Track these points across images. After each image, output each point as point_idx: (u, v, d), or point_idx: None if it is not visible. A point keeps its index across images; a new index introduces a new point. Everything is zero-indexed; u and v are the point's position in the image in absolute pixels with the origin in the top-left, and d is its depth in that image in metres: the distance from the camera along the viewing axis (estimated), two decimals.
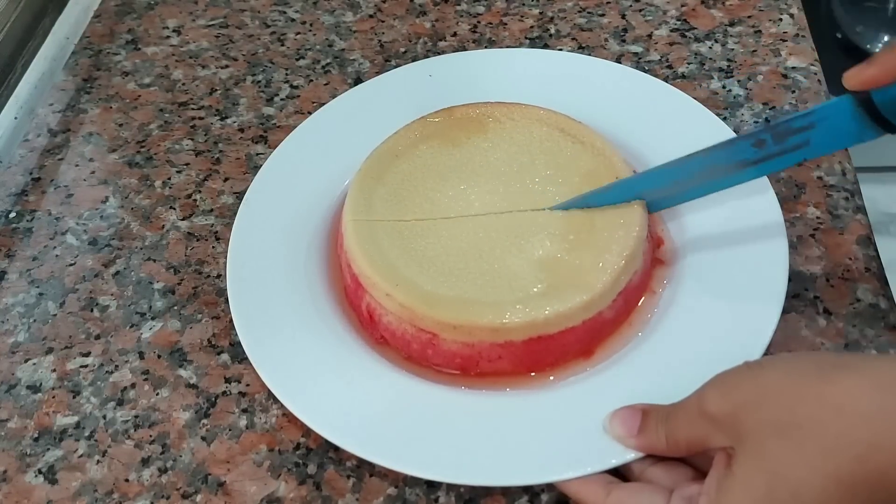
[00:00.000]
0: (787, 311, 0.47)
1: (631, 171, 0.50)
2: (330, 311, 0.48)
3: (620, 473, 0.40)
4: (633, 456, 0.39)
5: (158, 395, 0.47)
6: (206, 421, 0.46)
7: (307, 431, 0.45)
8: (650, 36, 0.64)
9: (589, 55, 0.62)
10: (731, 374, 0.37)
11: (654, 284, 0.48)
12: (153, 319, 0.51)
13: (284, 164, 0.55)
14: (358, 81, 0.63)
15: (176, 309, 0.51)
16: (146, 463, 0.45)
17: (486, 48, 0.65)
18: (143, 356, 0.49)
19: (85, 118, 0.64)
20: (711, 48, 0.63)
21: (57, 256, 0.55)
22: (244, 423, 0.46)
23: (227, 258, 0.50)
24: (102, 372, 0.49)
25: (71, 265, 0.54)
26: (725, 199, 0.48)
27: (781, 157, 0.44)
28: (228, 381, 0.48)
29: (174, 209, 0.57)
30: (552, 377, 0.45)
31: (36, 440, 0.46)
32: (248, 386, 0.47)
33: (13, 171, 0.60)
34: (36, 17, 0.70)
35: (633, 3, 0.67)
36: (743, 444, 0.34)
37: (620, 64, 0.61)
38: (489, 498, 0.42)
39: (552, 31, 0.66)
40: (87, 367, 0.49)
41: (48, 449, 0.46)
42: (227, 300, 0.51)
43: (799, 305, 0.47)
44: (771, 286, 0.45)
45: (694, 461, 0.39)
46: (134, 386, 0.48)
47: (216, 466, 0.44)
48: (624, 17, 0.66)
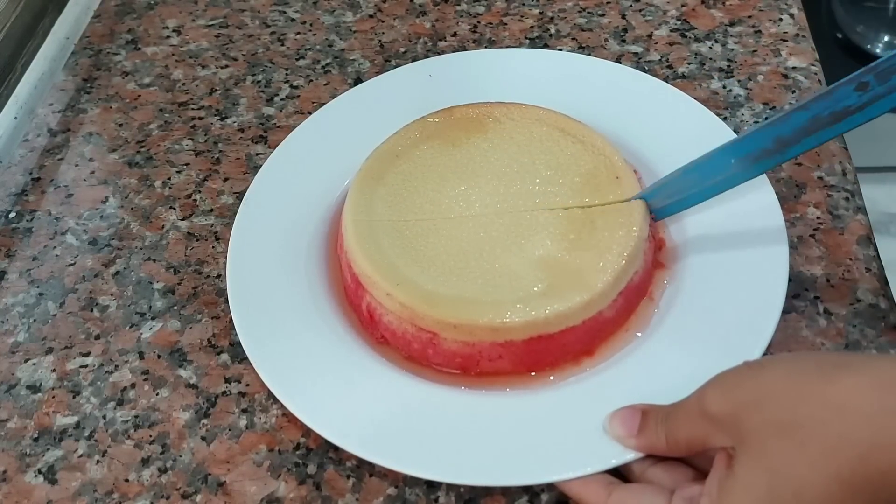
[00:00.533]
0: (787, 311, 0.47)
1: (631, 170, 0.50)
2: (330, 310, 0.48)
3: (621, 474, 0.40)
4: (632, 456, 0.39)
5: (158, 395, 0.47)
6: (206, 421, 0.46)
7: (307, 431, 0.45)
8: (650, 36, 0.64)
9: (589, 55, 0.62)
10: (731, 373, 0.37)
11: (654, 286, 0.48)
12: (153, 319, 0.51)
13: (284, 164, 0.55)
14: (358, 81, 0.63)
15: (176, 309, 0.51)
16: (146, 463, 0.45)
17: (485, 48, 0.65)
18: (143, 356, 0.49)
19: (85, 118, 0.64)
20: (711, 48, 0.63)
21: (57, 256, 0.55)
22: (244, 423, 0.46)
23: (227, 258, 0.50)
24: (102, 372, 0.49)
25: (71, 265, 0.54)
26: (726, 200, 0.48)
27: (888, 97, 0.42)
28: (228, 381, 0.48)
29: (174, 209, 0.57)
30: (552, 377, 0.45)
31: (36, 440, 0.46)
32: (248, 386, 0.47)
33: (13, 171, 0.60)
34: (36, 17, 0.70)
35: (633, 3, 0.67)
36: (744, 443, 0.34)
37: (620, 64, 0.61)
38: (489, 498, 0.42)
39: (552, 31, 0.66)
40: (86, 367, 0.49)
41: (48, 449, 0.46)
42: (227, 300, 0.51)
43: (799, 305, 0.47)
44: (771, 287, 0.45)
45: (694, 461, 0.39)
46: (134, 386, 0.48)
47: (216, 466, 0.44)
48: (624, 17, 0.66)
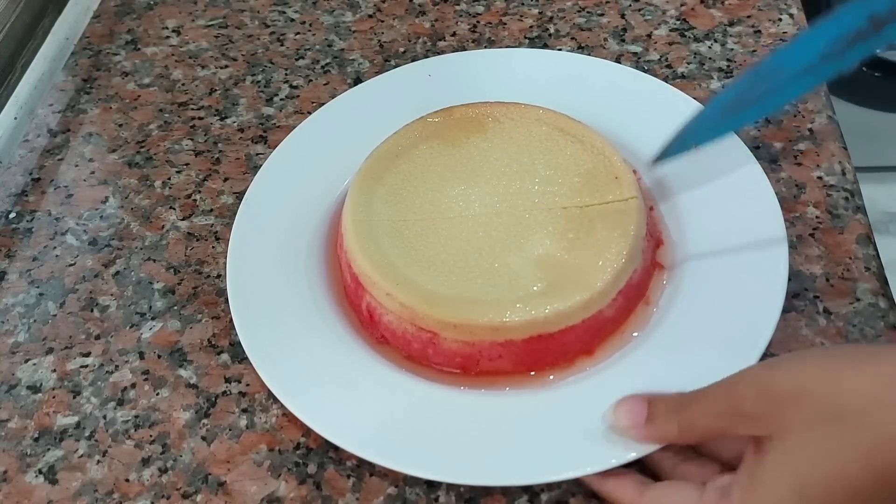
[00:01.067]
0: (786, 310, 0.47)
1: (630, 170, 0.50)
2: (330, 310, 0.48)
3: (651, 473, 0.40)
4: (633, 455, 0.39)
5: (158, 395, 0.47)
6: (206, 421, 0.46)
7: (307, 431, 0.45)
8: (650, 36, 0.64)
9: (588, 55, 0.62)
10: (763, 371, 0.37)
11: (653, 286, 0.48)
12: (153, 319, 0.51)
13: (284, 164, 0.55)
14: (357, 81, 0.63)
15: (176, 309, 0.51)
16: (146, 463, 0.45)
17: (485, 48, 0.65)
18: (143, 356, 0.49)
19: (85, 118, 0.64)
20: (711, 48, 0.63)
21: (57, 256, 0.55)
22: (244, 423, 0.46)
23: (226, 258, 0.50)
24: (102, 372, 0.49)
25: (71, 265, 0.54)
26: (725, 198, 0.48)
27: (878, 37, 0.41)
28: (228, 381, 0.48)
29: (174, 209, 0.57)
30: (552, 376, 0.45)
31: (36, 440, 0.46)
32: (248, 386, 0.47)
33: (13, 171, 0.60)
34: (36, 17, 0.70)
35: (632, 2, 0.67)
36: (780, 435, 0.35)
37: (620, 64, 0.61)
38: (489, 498, 0.42)
39: (551, 30, 0.66)
40: (87, 367, 0.49)
41: (48, 449, 0.46)
42: (227, 300, 0.51)
43: (799, 305, 0.47)
44: (771, 287, 0.45)
45: (716, 449, 0.39)
46: (134, 386, 0.48)
47: (216, 466, 0.44)
48: (623, 16, 0.66)
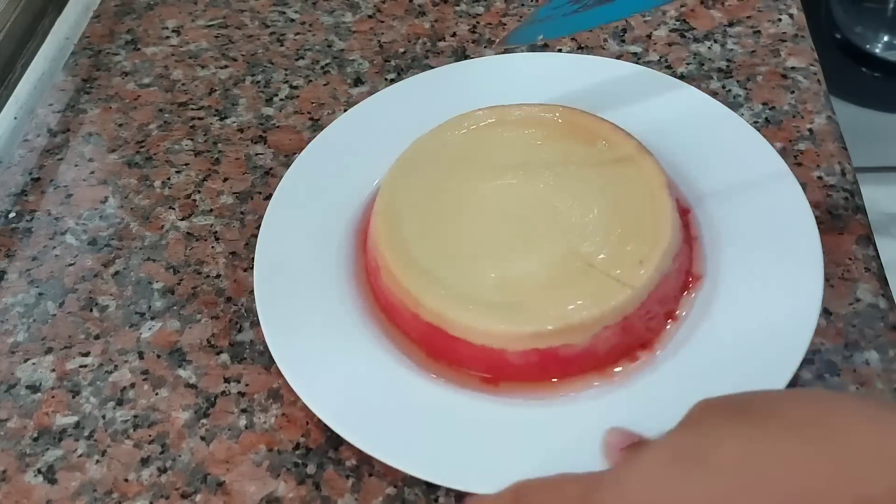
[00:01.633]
0: None
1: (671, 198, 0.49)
2: (357, 310, 0.48)
3: None
4: None
5: (158, 395, 0.47)
6: (205, 421, 0.46)
7: (307, 431, 0.45)
8: (649, 36, 0.64)
9: (588, 56, 0.62)
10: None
11: (683, 299, 0.47)
12: (153, 319, 0.51)
13: (312, 166, 0.55)
14: (357, 82, 0.63)
15: (175, 309, 0.51)
16: (146, 463, 0.45)
17: (485, 48, 0.65)
18: (142, 356, 0.49)
19: (84, 118, 0.64)
20: (711, 48, 0.63)
21: (56, 256, 0.55)
22: (243, 423, 0.46)
23: (229, 253, 0.50)
24: (102, 372, 0.49)
25: (70, 265, 0.54)
26: (763, 221, 0.49)
27: None
28: (228, 381, 0.48)
29: (174, 209, 0.57)
30: (573, 390, 0.44)
31: (35, 440, 0.46)
32: (247, 386, 0.47)
33: (13, 171, 0.60)
34: (35, 17, 0.70)
35: None
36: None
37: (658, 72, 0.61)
38: None
39: None
40: (86, 367, 0.49)
41: (48, 449, 0.46)
42: (226, 300, 0.51)
43: None
44: (803, 311, 0.44)
45: None
46: (133, 386, 0.48)
47: (215, 466, 0.44)
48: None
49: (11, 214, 0.57)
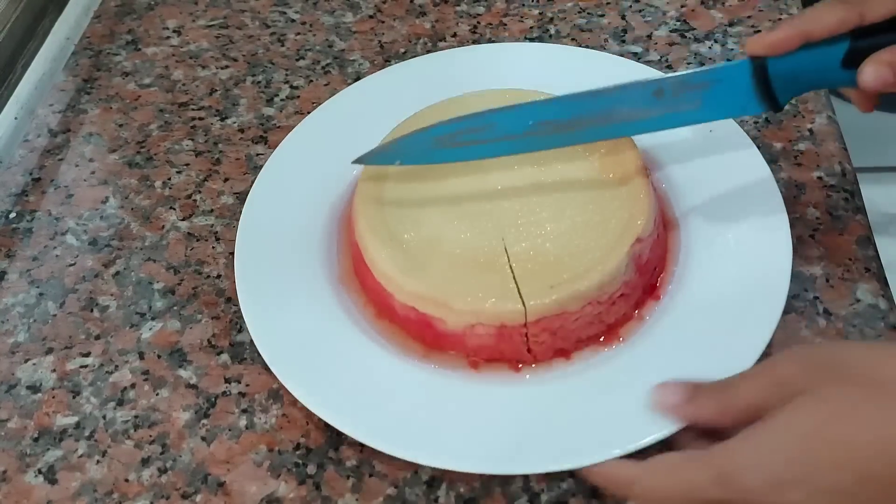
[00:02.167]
0: (786, 311, 0.46)
1: (636, 149, 0.50)
2: (337, 298, 0.49)
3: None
4: (647, 441, 0.40)
5: (158, 395, 0.47)
6: (205, 421, 0.46)
7: (307, 432, 0.45)
8: (650, 36, 0.64)
9: None
10: (804, 346, 0.38)
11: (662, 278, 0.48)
12: (153, 320, 0.51)
13: (287, 161, 0.55)
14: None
15: (176, 309, 0.51)
16: (146, 463, 0.45)
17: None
18: (143, 356, 0.49)
19: (85, 118, 0.64)
20: (711, 48, 0.63)
21: (57, 256, 0.55)
22: (244, 423, 0.46)
23: (229, 253, 0.50)
24: (102, 372, 0.49)
25: (71, 265, 0.54)
26: (734, 201, 0.49)
27: (672, 114, 0.45)
28: (228, 381, 0.48)
29: (174, 209, 0.57)
30: (571, 361, 0.45)
31: (36, 440, 0.46)
32: (247, 386, 0.47)
33: (13, 171, 0.60)
34: (36, 17, 0.70)
35: (632, 3, 0.67)
36: (808, 389, 0.34)
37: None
38: (489, 498, 0.42)
39: (552, 31, 0.66)
40: (87, 367, 0.49)
41: (48, 449, 0.46)
42: (227, 300, 0.51)
43: (798, 305, 0.47)
44: (772, 287, 0.45)
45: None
46: (134, 386, 0.48)
47: (216, 466, 0.44)
48: (623, 17, 0.66)
49: (12, 214, 0.57)
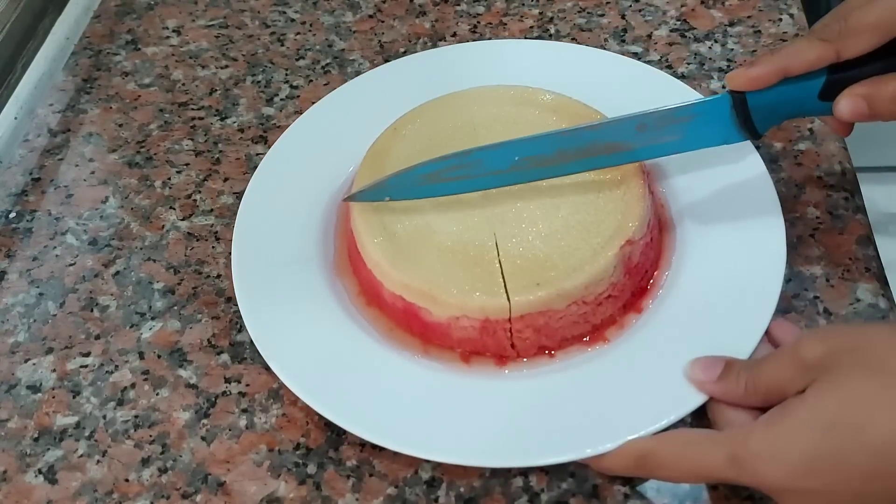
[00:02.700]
0: (786, 311, 0.47)
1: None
2: (333, 292, 0.49)
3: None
4: (609, 446, 0.40)
5: (158, 395, 0.47)
6: (205, 421, 0.46)
7: (307, 431, 0.45)
8: (650, 36, 0.64)
9: None
10: (830, 327, 0.39)
11: (655, 279, 0.48)
12: (153, 319, 0.51)
13: (285, 156, 0.55)
14: None
15: (176, 309, 0.51)
16: (146, 463, 0.45)
17: None
18: (143, 356, 0.49)
19: (85, 118, 0.64)
20: (711, 48, 0.63)
21: (57, 256, 0.55)
22: (244, 423, 0.46)
23: (229, 254, 0.50)
24: (102, 372, 0.49)
25: (71, 265, 0.54)
26: (728, 197, 0.49)
27: (654, 146, 0.46)
28: (228, 381, 0.48)
29: (174, 209, 0.57)
30: (560, 356, 0.45)
31: (36, 440, 0.46)
32: (247, 386, 0.47)
33: (13, 171, 0.60)
34: (36, 17, 0.70)
35: (632, 3, 0.67)
36: (827, 375, 0.35)
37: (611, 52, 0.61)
38: (489, 497, 0.42)
39: (552, 31, 0.66)
40: (87, 367, 0.49)
41: (48, 449, 0.46)
42: (227, 300, 0.51)
43: (799, 305, 0.47)
44: (763, 293, 0.45)
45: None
46: (134, 386, 0.48)
47: (216, 466, 0.44)
48: (624, 17, 0.66)
49: (12, 214, 0.57)
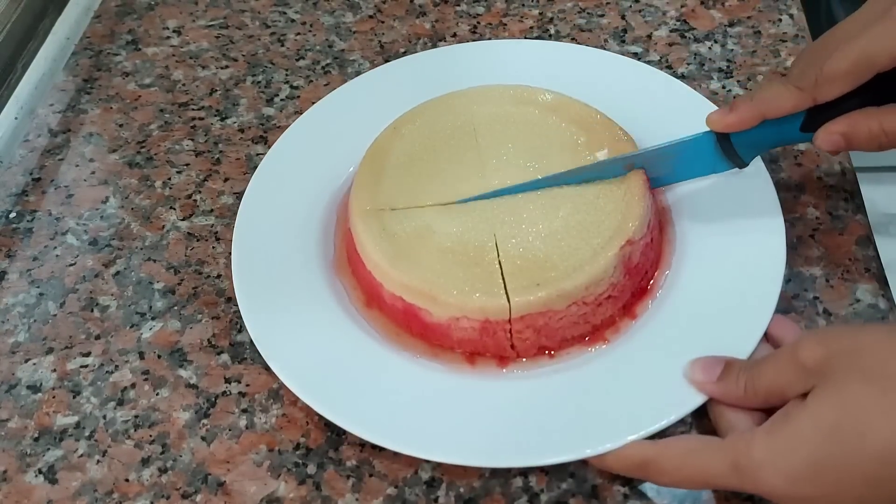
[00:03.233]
0: (786, 311, 0.47)
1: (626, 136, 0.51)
2: (332, 290, 0.49)
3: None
4: (608, 447, 0.40)
5: (158, 395, 0.47)
6: (205, 421, 0.46)
7: (307, 431, 0.45)
8: (650, 36, 0.64)
9: None
10: (829, 329, 0.39)
11: (655, 281, 0.48)
12: (153, 319, 0.51)
13: (285, 155, 0.55)
14: None
15: (176, 309, 0.51)
16: (146, 463, 0.45)
17: None
18: (143, 356, 0.49)
19: (85, 118, 0.64)
20: (711, 49, 0.63)
21: (57, 256, 0.55)
22: (244, 423, 0.46)
23: (229, 254, 0.50)
24: (102, 372, 0.49)
25: (71, 265, 0.54)
26: (727, 198, 0.49)
27: (651, 179, 0.48)
28: (228, 381, 0.48)
29: (174, 209, 0.57)
30: (554, 359, 0.45)
31: (36, 440, 0.46)
32: (247, 386, 0.47)
33: (13, 171, 0.60)
34: (36, 17, 0.70)
35: (632, 3, 0.67)
36: (826, 381, 0.36)
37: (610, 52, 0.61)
38: (489, 498, 0.42)
39: (552, 31, 0.66)
40: (87, 367, 0.49)
41: (48, 449, 0.46)
42: (227, 300, 0.51)
43: (799, 306, 0.47)
44: (763, 296, 0.45)
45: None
46: (134, 386, 0.48)
47: (216, 466, 0.44)
48: (623, 17, 0.66)
49: (12, 214, 0.57)
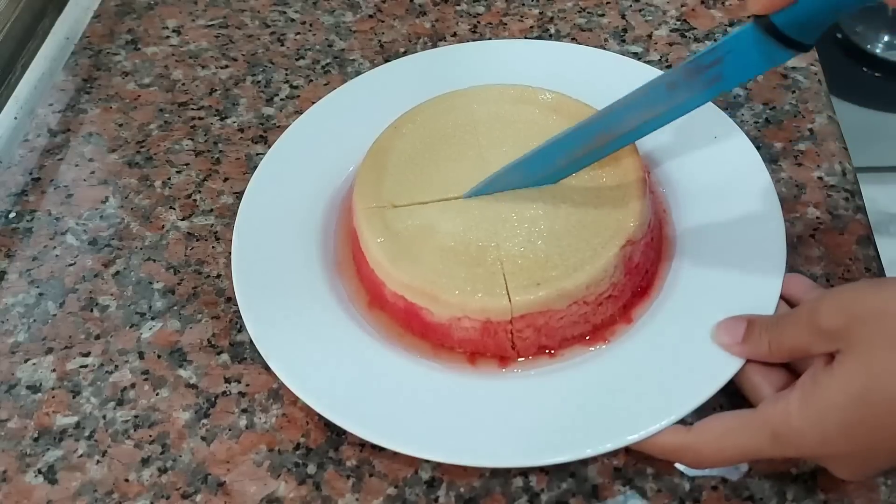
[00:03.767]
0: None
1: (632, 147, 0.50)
2: (334, 292, 0.49)
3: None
4: (609, 447, 0.40)
5: (158, 395, 0.47)
6: (205, 421, 0.46)
7: (307, 431, 0.45)
8: (650, 36, 0.64)
9: None
10: (848, 289, 0.38)
11: (656, 279, 0.48)
12: (153, 319, 0.51)
13: (285, 154, 0.55)
14: None
15: (176, 309, 0.51)
16: (146, 463, 0.45)
17: None
18: (143, 356, 0.49)
19: (85, 118, 0.64)
20: None
21: (57, 256, 0.55)
22: (244, 423, 0.46)
23: (229, 254, 0.50)
24: (102, 372, 0.49)
25: (71, 265, 0.54)
26: (727, 195, 0.49)
27: (700, 94, 0.45)
28: (228, 381, 0.48)
29: (174, 209, 0.57)
30: (555, 358, 0.45)
31: (36, 440, 0.46)
32: (247, 386, 0.47)
33: (13, 171, 0.60)
34: (36, 17, 0.70)
35: (632, 3, 0.67)
36: (852, 348, 0.35)
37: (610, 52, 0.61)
38: (489, 497, 0.42)
39: (552, 31, 0.66)
40: (87, 367, 0.49)
41: (48, 449, 0.46)
42: (227, 300, 0.51)
43: None
44: (763, 295, 0.45)
45: (797, 368, 0.40)
46: (134, 386, 0.48)
47: (216, 466, 0.44)
48: (624, 17, 0.66)
49: (12, 214, 0.57)
